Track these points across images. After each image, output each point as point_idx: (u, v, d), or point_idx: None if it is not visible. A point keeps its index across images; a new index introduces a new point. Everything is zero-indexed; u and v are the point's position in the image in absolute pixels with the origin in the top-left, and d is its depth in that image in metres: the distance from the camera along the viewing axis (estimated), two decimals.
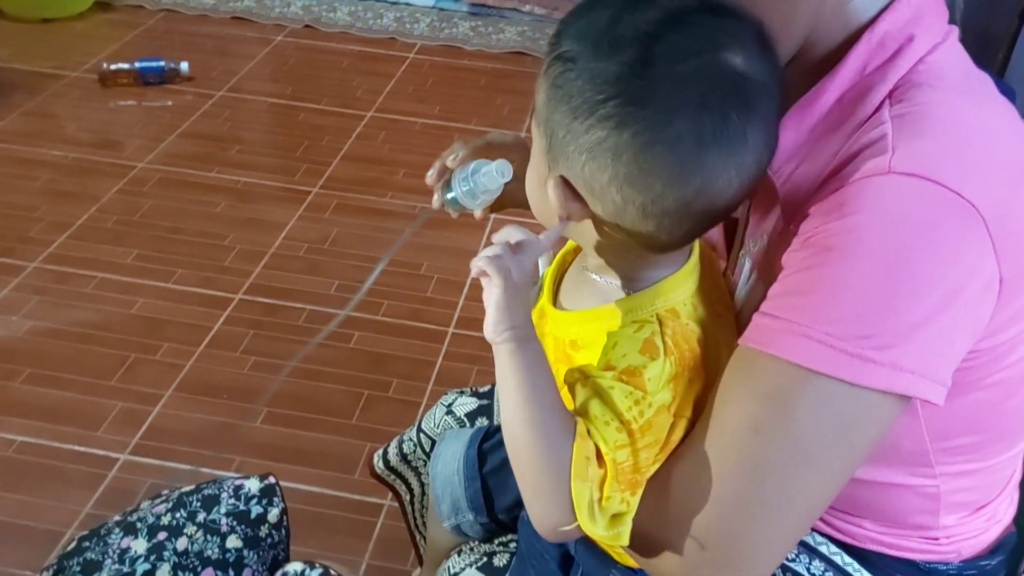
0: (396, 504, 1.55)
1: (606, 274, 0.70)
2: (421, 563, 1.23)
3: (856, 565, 0.80)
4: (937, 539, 0.77)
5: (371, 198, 2.37)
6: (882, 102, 0.63)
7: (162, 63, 2.79)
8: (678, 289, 0.67)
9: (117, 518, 0.92)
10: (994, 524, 0.81)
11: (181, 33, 3.19)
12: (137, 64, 2.77)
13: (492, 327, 0.63)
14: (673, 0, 0.59)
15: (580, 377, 0.65)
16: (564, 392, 0.67)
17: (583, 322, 0.69)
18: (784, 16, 0.64)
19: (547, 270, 0.78)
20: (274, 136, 2.68)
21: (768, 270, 0.67)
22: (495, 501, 0.96)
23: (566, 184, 0.63)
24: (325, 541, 1.47)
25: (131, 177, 2.37)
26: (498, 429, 1.01)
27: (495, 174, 0.77)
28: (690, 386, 0.64)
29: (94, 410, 1.68)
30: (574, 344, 0.69)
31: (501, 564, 0.91)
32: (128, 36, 3.13)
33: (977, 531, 0.79)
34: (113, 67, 2.76)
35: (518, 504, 0.93)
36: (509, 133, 0.91)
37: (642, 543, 0.64)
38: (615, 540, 0.63)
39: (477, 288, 2.14)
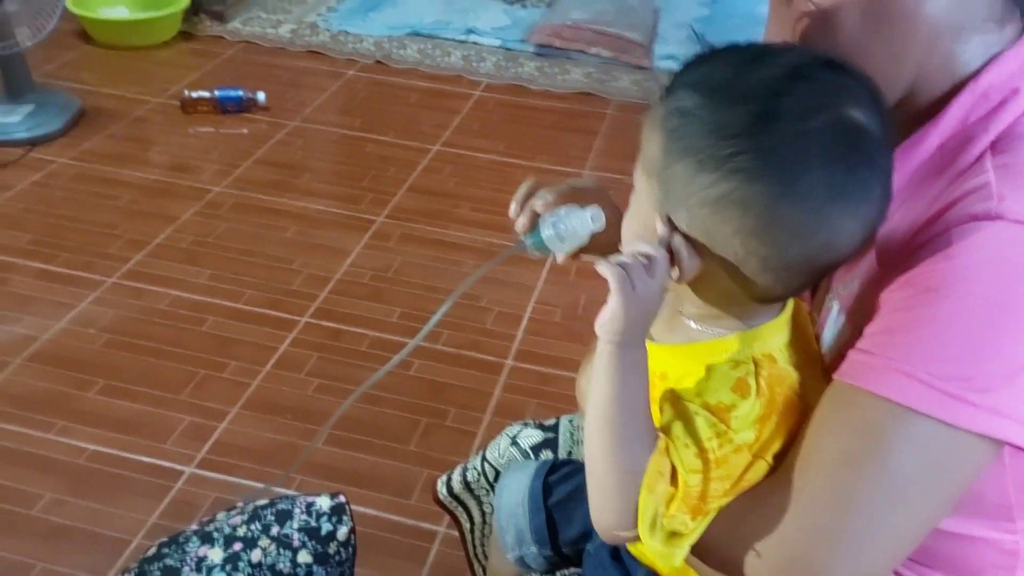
0: (452, 531, 1.58)
1: (702, 320, 0.71)
2: None
3: None
4: None
5: (435, 230, 2.42)
6: (983, 152, 0.64)
7: (240, 92, 2.89)
8: (775, 336, 0.69)
9: (194, 527, 0.95)
10: None
11: (258, 64, 3.31)
12: (217, 92, 2.88)
13: (602, 325, 0.65)
14: (793, 56, 0.62)
15: (671, 397, 0.67)
16: (654, 408, 0.69)
17: (676, 356, 0.70)
18: (891, 66, 0.66)
19: None
20: (343, 166, 2.76)
21: (858, 314, 0.68)
22: (560, 534, 0.97)
23: (680, 234, 0.65)
24: (380, 564, 1.50)
25: (207, 200, 2.46)
26: (564, 463, 1.02)
27: (589, 221, 0.77)
28: (777, 430, 0.65)
29: (163, 423, 1.74)
30: (664, 376, 0.70)
31: None
32: (208, 65, 3.25)
33: None
34: (194, 95, 2.87)
35: (583, 537, 0.94)
36: (589, 179, 0.93)
37: (721, 566, 0.65)
38: (667, 558, 0.64)
39: (536, 322, 2.19)
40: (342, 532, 0.99)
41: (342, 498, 1.00)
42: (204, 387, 1.83)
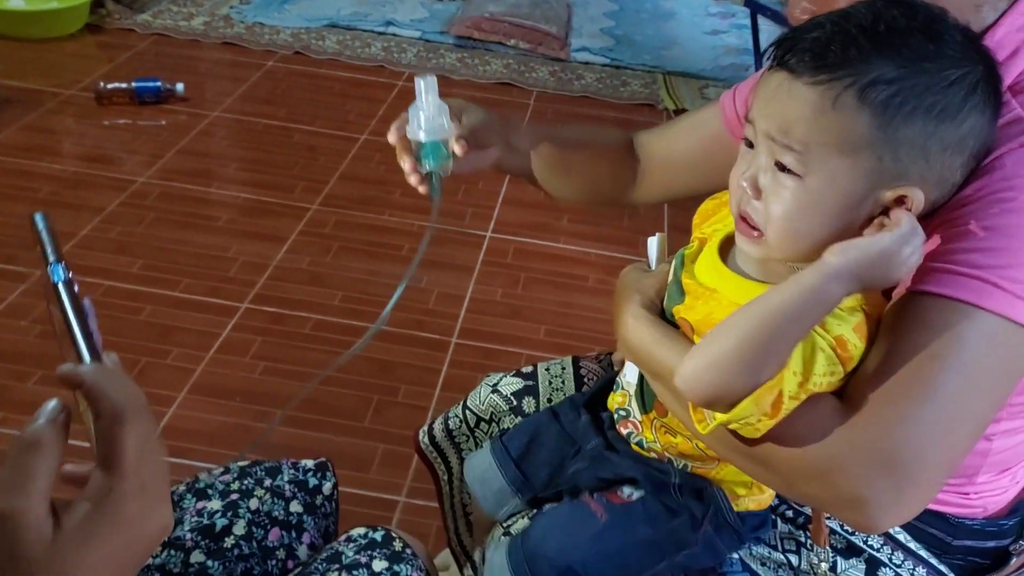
0: (413, 500, 1.60)
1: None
2: (451, 545, 1.25)
3: None
4: (968, 494, 0.84)
5: (370, 215, 2.43)
6: (1005, 96, 0.71)
7: (159, 83, 2.83)
8: None
9: (182, 488, 0.94)
10: (1014, 485, 0.88)
11: (172, 56, 3.23)
12: (134, 83, 2.81)
13: (848, 249, 0.65)
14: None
15: None
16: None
17: None
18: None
19: (688, 248, 0.82)
20: (270, 155, 2.72)
21: None
22: (533, 483, 1.00)
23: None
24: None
25: (132, 191, 2.40)
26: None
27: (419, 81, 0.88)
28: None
29: None
30: None
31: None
32: (120, 58, 3.16)
33: (1001, 490, 0.86)
34: (110, 86, 2.79)
35: (553, 476, 0.97)
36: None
37: (816, 470, 0.68)
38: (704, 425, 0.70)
39: (477, 302, 2.22)
40: (327, 487, 1.00)
41: (324, 459, 1.02)
42: (148, 374, 1.79)
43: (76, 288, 0.58)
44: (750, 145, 0.72)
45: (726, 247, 0.78)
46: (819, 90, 0.66)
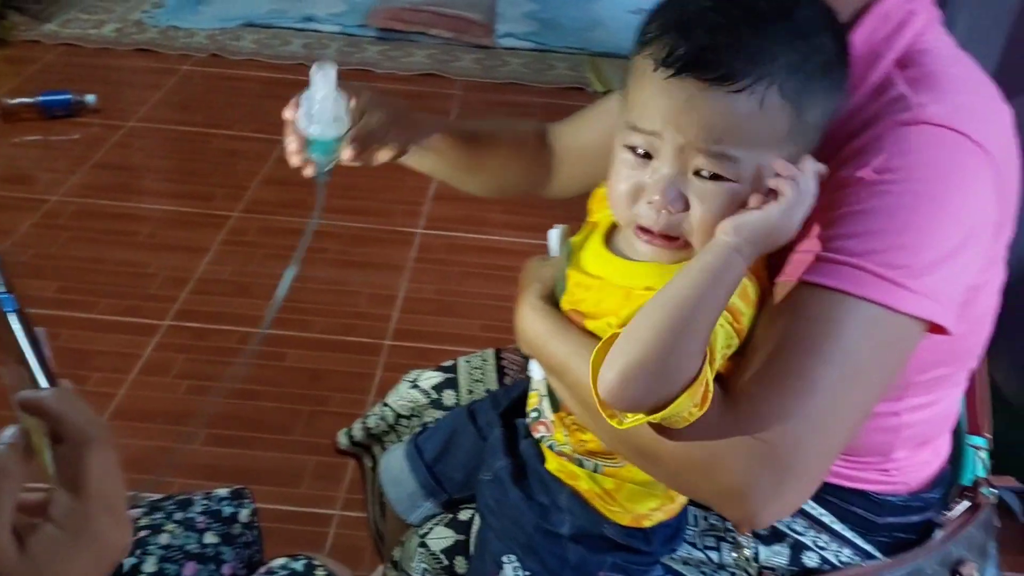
0: (348, 512, 1.57)
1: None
2: (369, 530, 1.21)
3: (811, 502, 0.85)
4: (888, 471, 0.84)
5: (295, 220, 2.36)
6: (890, 69, 0.71)
7: (68, 96, 2.72)
8: None
9: None
10: (935, 459, 0.88)
11: (83, 67, 3.11)
12: (41, 98, 2.70)
13: (740, 225, 0.64)
14: None
15: None
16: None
17: (666, 274, 0.68)
18: None
19: (576, 236, 0.81)
20: (189, 163, 2.64)
21: None
22: (446, 485, 0.99)
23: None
24: (279, 554, 1.46)
25: (45, 211, 2.31)
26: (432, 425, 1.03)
27: (315, 71, 0.85)
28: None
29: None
30: (650, 290, 0.68)
31: (466, 518, 0.93)
32: (27, 71, 3.03)
33: (922, 464, 0.86)
34: (15, 102, 2.68)
35: (468, 479, 0.95)
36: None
37: (699, 464, 0.67)
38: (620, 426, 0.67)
39: (410, 301, 2.17)
40: (244, 514, 0.96)
41: (240, 487, 0.98)
42: None
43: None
44: (644, 155, 0.68)
45: (612, 232, 0.78)
46: (743, 96, 0.64)
